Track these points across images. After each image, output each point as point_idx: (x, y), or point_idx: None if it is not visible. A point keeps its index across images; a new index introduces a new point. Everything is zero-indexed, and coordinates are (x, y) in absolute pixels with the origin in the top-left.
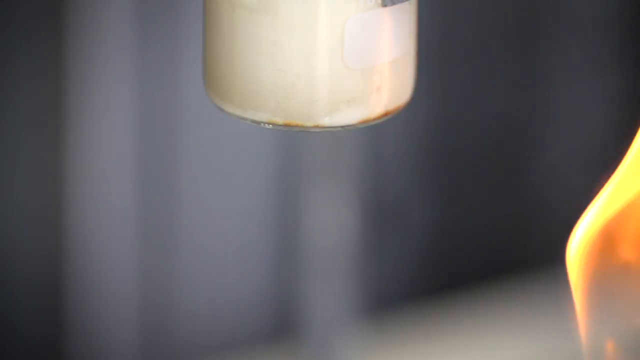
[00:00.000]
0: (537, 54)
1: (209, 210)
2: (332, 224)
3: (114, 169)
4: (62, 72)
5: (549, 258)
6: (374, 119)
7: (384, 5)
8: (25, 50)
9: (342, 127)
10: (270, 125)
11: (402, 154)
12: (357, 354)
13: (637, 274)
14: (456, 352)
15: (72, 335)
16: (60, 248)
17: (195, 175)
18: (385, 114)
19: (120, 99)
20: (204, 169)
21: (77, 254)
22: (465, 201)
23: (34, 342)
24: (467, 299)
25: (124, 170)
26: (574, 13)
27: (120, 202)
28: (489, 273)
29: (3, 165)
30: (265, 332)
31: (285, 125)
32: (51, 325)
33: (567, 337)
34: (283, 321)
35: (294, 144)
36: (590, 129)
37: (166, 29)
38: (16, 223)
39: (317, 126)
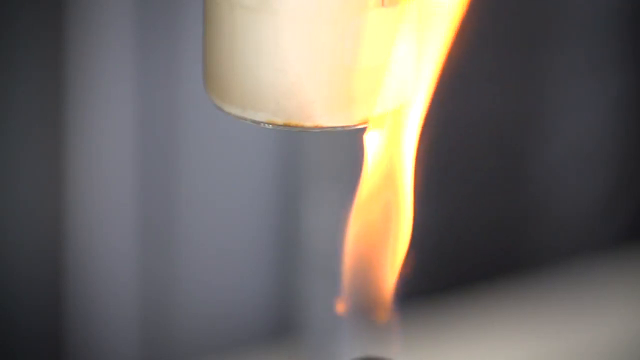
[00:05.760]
0: (537, 53)
1: (209, 210)
2: (332, 224)
3: (114, 169)
4: (62, 72)
5: (549, 258)
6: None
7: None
8: (25, 50)
9: (342, 127)
10: (270, 125)
11: None
12: (356, 354)
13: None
14: (456, 352)
15: (71, 335)
16: (60, 248)
17: (195, 175)
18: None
19: (120, 98)
20: (204, 168)
21: (77, 254)
22: (466, 201)
23: (34, 342)
24: (467, 299)
25: (124, 170)
26: (574, 13)
27: (120, 201)
28: (489, 273)
29: (3, 165)
30: (265, 332)
31: (285, 125)
32: (51, 325)
33: (568, 337)
34: (283, 321)
35: (294, 144)
36: (591, 128)
37: (166, 29)
38: (16, 223)
39: (317, 126)
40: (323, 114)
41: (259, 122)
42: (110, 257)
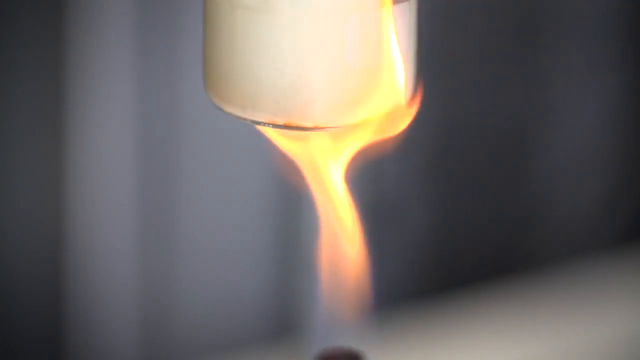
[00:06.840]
0: (537, 54)
1: (209, 210)
2: None
3: (114, 169)
4: (62, 72)
5: (549, 258)
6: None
7: (394, 2)
8: (25, 50)
9: (342, 127)
10: (270, 125)
11: (402, 154)
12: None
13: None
14: (456, 352)
15: (71, 335)
16: (60, 248)
17: (195, 175)
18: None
19: (120, 98)
20: (203, 168)
21: (77, 254)
22: (466, 202)
23: (34, 342)
24: (467, 299)
25: (124, 170)
26: (574, 13)
27: (120, 202)
28: (490, 273)
29: (3, 165)
30: (265, 332)
31: (285, 125)
32: (51, 325)
33: (568, 337)
34: (283, 321)
35: None
36: (592, 128)
37: (166, 29)
38: (16, 223)
39: (317, 126)
40: (323, 114)
41: (259, 122)
42: (110, 257)
